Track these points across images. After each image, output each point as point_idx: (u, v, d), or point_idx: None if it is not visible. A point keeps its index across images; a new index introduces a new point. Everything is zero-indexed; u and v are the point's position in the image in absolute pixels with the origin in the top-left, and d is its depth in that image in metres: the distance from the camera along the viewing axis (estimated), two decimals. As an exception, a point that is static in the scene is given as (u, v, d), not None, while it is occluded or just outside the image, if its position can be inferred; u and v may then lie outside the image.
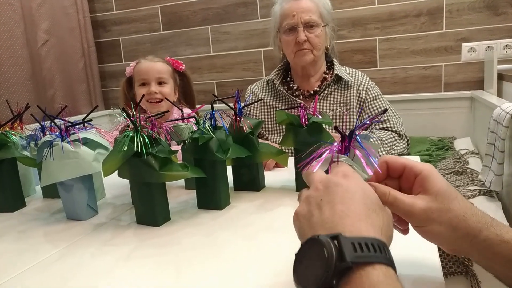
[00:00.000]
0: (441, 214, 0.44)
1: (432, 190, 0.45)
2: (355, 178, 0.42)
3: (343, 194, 0.39)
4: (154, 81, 1.43)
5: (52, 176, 0.78)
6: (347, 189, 0.40)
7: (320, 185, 0.42)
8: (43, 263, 0.63)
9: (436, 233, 0.45)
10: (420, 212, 0.44)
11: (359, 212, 0.38)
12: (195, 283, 0.54)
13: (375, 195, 0.41)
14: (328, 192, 0.40)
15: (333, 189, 0.40)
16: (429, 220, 0.44)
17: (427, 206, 0.44)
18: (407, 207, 0.44)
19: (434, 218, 0.44)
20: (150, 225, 0.75)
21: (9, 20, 2.18)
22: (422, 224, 0.45)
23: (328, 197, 0.40)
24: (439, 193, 0.45)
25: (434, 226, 0.44)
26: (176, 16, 2.58)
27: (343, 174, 0.42)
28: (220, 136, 0.79)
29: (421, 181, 0.46)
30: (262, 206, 0.82)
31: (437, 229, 0.44)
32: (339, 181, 0.41)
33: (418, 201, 0.45)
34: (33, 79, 2.32)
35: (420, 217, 0.44)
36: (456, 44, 2.12)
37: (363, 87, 1.37)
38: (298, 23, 1.32)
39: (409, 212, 0.45)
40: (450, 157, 1.68)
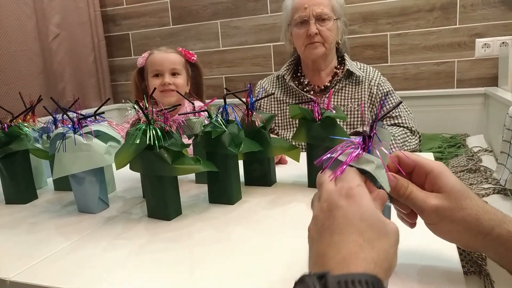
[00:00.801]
0: (453, 213, 0.44)
1: (445, 189, 0.45)
2: (357, 198, 0.39)
3: (342, 220, 0.38)
4: (168, 72, 1.43)
5: (64, 169, 0.78)
6: (346, 214, 0.38)
7: (325, 205, 0.41)
8: (55, 255, 0.63)
9: (448, 230, 0.46)
10: (432, 209, 0.45)
11: (352, 245, 0.37)
12: (208, 279, 0.53)
13: (374, 217, 0.38)
14: (329, 216, 0.40)
15: (333, 213, 0.39)
16: (441, 217, 0.45)
17: (440, 204, 0.45)
18: (421, 202, 0.45)
19: (446, 216, 0.45)
20: (161, 219, 0.74)
21: (21, 14, 2.19)
22: (434, 221, 0.46)
23: (328, 222, 0.39)
24: (452, 191, 0.45)
25: (446, 224, 0.45)
26: (186, 11, 2.58)
27: (346, 193, 0.40)
28: (232, 130, 0.78)
29: (433, 180, 0.46)
30: (274, 201, 0.81)
31: (449, 227, 0.45)
32: (340, 203, 0.39)
33: (431, 198, 0.45)
34: (45, 72, 2.33)
35: (432, 214, 0.45)
36: (469, 40, 2.09)
37: (374, 83, 1.36)
38: (309, 16, 1.31)
39: (421, 208, 0.45)
40: (462, 155, 1.66)
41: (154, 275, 0.55)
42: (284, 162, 1.09)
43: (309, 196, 0.50)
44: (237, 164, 0.81)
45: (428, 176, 0.47)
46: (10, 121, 0.92)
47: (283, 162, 1.09)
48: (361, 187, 0.40)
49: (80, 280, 0.55)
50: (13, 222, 0.80)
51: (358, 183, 0.41)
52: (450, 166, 1.57)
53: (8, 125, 0.90)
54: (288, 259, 0.56)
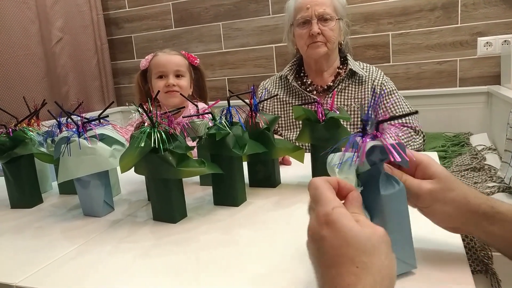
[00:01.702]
0: (445, 194, 0.49)
1: (435, 175, 0.50)
2: (337, 223, 0.38)
3: (330, 251, 0.38)
4: (172, 73, 1.43)
5: (69, 172, 0.78)
6: (332, 244, 0.38)
7: (310, 233, 0.41)
8: (61, 260, 0.63)
9: (440, 212, 0.50)
10: (426, 192, 0.49)
11: (348, 276, 0.36)
12: (214, 282, 0.53)
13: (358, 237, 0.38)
14: (318, 247, 0.39)
15: (320, 245, 0.39)
16: (434, 200, 0.49)
17: (433, 187, 0.49)
18: (415, 189, 0.49)
19: (439, 198, 0.49)
20: (167, 222, 0.75)
21: (24, 18, 2.20)
22: (428, 204, 0.50)
23: (319, 254, 0.39)
24: (441, 176, 0.50)
25: (438, 206, 0.49)
26: (188, 13, 2.58)
27: (325, 221, 0.39)
28: (236, 132, 0.78)
29: (423, 169, 0.51)
30: (279, 202, 0.81)
31: (442, 208, 0.49)
32: (322, 234, 0.39)
33: (424, 183, 0.50)
34: (48, 76, 2.34)
35: (427, 197, 0.49)
36: (471, 39, 2.08)
37: (377, 82, 1.36)
38: (312, 16, 1.31)
39: (417, 194, 0.49)
40: (466, 153, 1.66)
41: (160, 279, 0.55)
42: (288, 163, 1.09)
43: None
44: (241, 165, 0.82)
45: (418, 167, 0.51)
46: (15, 125, 0.92)
47: (286, 163, 1.09)
48: (337, 209, 0.40)
49: (87, 284, 0.55)
50: (18, 227, 0.80)
51: (332, 205, 0.40)
52: (454, 165, 1.57)
53: (12, 130, 0.90)
54: (294, 261, 0.56)
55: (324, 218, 0.39)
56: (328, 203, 0.40)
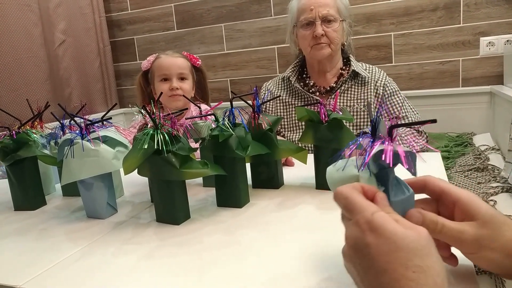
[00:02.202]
0: (493, 241, 0.42)
1: (479, 216, 0.43)
2: (381, 228, 0.37)
3: (379, 258, 0.36)
4: (176, 76, 1.43)
5: (72, 174, 0.78)
6: (380, 251, 0.36)
7: (351, 242, 0.39)
8: (65, 262, 0.64)
9: (488, 259, 0.44)
10: (471, 239, 0.43)
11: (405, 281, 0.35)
12: (218, 283, 0.53)
13: (406, 240, 0.36)
14: (362, 256, 0.38)
15: (365, 252, 0.37)
16: (480, 247, 0.43)
17: (478, 233, 0.43)
18: (457, 234, 0.43)
19: (485, 245, 0.43)
20: (170, 223, 0.75)
21: (27, 21, 2.21)
22: (473, 251, 0.44)
23: (364, 262, 0.37)
24: (486, 219, 0.43)
25: (486, 253, 0.43)
26: (190, 15, 2.59)
27: (369, 227, 0.37)
28: (239, 133, 0.78)
29: (462, 207, 0.45)
30: (282, 204, 0.81)
31: (490, 256, 0.43)
32: (367, 241, 0.37)
33: (467, 228, 0.43)
34: (51, 78, 2.35)
35: (471, 244, 0.43)
36: (474, 39, 2.08)
37: (380, 83, 1.35)
38: (315, 17, 1.31)
39: (459, 240, 0.43)
40: (469, 153, 1.65)
41: (164, 280, 0.55)
42: (291, 164, 1.09)
43: (317, 198, 0.50)
44: (244, 167, 0.82)
45: (457, 204, 0.45)
46: (18, 128, 0.93)
47: (289, 164, 1.09)
48: (377, 214, 0.38)
49: (91, 286, 0.55)
50: (22, 229, 0.80)
51: (371, 211, 0.38)
52: (457, 165, 1.56)
53: (16, 132, 0.91)
54: (298, 262, 0.56)
55: (366, 225, 0.38)
56: (365, 209, 0.39)
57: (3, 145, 0.89)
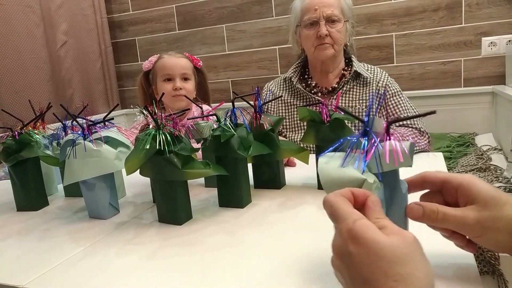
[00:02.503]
0: (496, 221, 0.43)
1: (480, 199, 0.44)
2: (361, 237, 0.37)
3: (361, 267, 0.36)
4: (179, 76, 1.44)
5: (75, 175, 0.78)
6: (361, 260, 0.36)
7: (335, 252, 0.40)
8: (67, 262, 0.64)
9: (494, 240, 0.44)
10: (473, 222, 0.43)
11: None
12: (220, 283, 0.53)
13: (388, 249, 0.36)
14: (345, 265, 0.38)
15: (349, 262, 0.37)
16: (484, 229, 0.43)
17: (479, 216, 0.43)
18: (459, 220, 0.44)
19: (489, 226, 0.43)
20: (172, 224, 0.75)
21: (29, 22, 2.21)
22: (479, 234, 0.44)
23: (349, 272, 0.38)
24: (487, 199, 0.43)
25: (491, 234, 0.43)
26: (191, 16, 2.59)
27: (349, 236, 0.37)
28: (241, 134, 0.78)
29: (464, 193, 0.45)
30: (284, 204, 0.81)
31: (495, 237, 0.43)
32: (349, 250, 0.37)
33: (469, 212, 0.44)
34: (53, 79, 2.35)
35: (475, 227, 0.43)
36: (476, 39, 2.08)
37: (382, 84, 1.35)
38: (320, 17, 1.31)
39: (462, 225, 0.44)
40: (471, 154, 1.65)
41: (166, 280, 0.55)
42: (293, 165, 1.09)
43: (319, 198, 0.50)
44: (246, 167, 0.82)
45: (459, 191, 0.45)
46: (21, 128, 0.93)
47: (291, 164, 1.09)
48: (358, 222, 0.38)
49: (94, 286, 0.56)
50: (25, 229, 0.80)
51: (352, 219, 0.38)
52: (460, 165, 1.56)
53: (18, 133, 0.91)
54: (300, 262, 0.56)
55: (347, 233, 0.38)
56: (347, 218, 0.39)
57: (6, 146, 0.89)
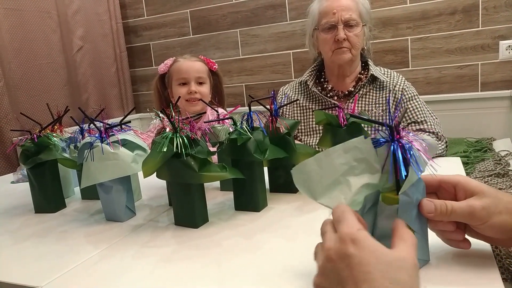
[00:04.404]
0: (497, 205, 0.48)
1: (477, 190, 0.50)
2: (363, 241, 0.39)
3: (359, 268, 0.38)
4: (194, 80, 1.44)
5: (92, 177, 0.79)
6: (361, 261, 0.38)
7: (332, 253, 0.41)
8: (85, 264, 0.64)
9: (499, 223, 0.48)
10: (480, 209, 0.48)
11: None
12: (238, 287, 0.53)
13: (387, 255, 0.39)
14: (344, 266, 0.39)
15: (347, 262, 0.39)
16: (489, 214, 0.48)
17: (483, 202, 0.48)
18: (467, 209, 0.48)
19: (492, 211, 0.48)
20: (188, 227, 0.75)
21: (47, 28, 2.25)
22: (485, 220, 0.48)
23: (346, 273, 0.39)
24: (485, 190, 0.49)
25: (495, 218, 0.48)
26: (205, 20, 2.61)
27: (351, 239, 0.40)
28: (257, 137, 0.78)
29: (463, 188, 0.51)
30: (300, 208, 0.80)
31: (499, 219, 0.48)
32: (349, 252, 0.39)
33: (473, 202, 0.49)
34: (69, 84, 2.39)
35: (481, 213, 0.48)
36: (493, 42, 2.05)
37: (399, 88, 1.34)
38: (338, 21, 1.30)
39: (471, 213, 0.48)
40: (489, 159, 1.62)
41: (183, 284, 0.55)
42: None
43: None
44: (262, 171, 0.81)
45: (457, 187, 0.51)
46: (39, 131, 0.94)
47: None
48: (362, 231, 0.41)
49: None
50: (43, 231, 0.81)
51: (357, 227, 0.41)
52: (477, 171, 1.53)
53: (37, 136, 0.92)
54: (319, 267, 0.55)
55: (349, 236, 0.40)
56: (353, 225, 0.42)
57: (25, 148, 0.90)
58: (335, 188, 0.49)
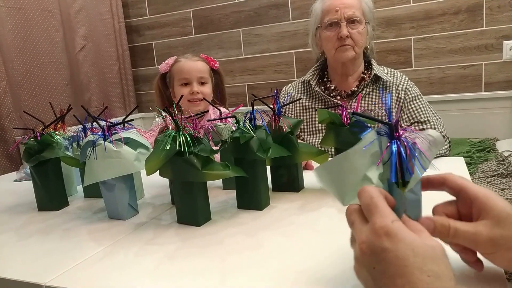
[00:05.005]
0: (509, 240, 0.42)
1: (493, 214, 0.43)
2: (399, 234, 0.38)
3: (395, 261, 0.37)
4: (196, 81, 1.44)
5: (95, 175, 0.79)
6: (397, 255, 0.37)
7: (365, 247, 0.40)
8: (89, 261, 0.64)
9: (506, 259, 0.43)
10: (485, 240, 0.42)
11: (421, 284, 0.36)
12: (240, 285, 0.53)
13: (423, 247, 0.37)
14: (378, 260, 0.38)
15: (382, 256, 0.38)
16: (496, 246, 0.43)
17: (492, 233, 0.42)
18: (471, 236, 0.43)
19: (501, 244, 0.42)
20: (191, 225, 0.75)
21: (49, 27, 2.26)
22: (490, 252, 0.44)
23: (381, 266, 0.38)
24: (501, 216, 0.42)
25: (503, 252, 0.43)
26: (208, 20, 2.61)
27: (385, 232, 0.38)
28: (260, 136, 0.78)
29: (479, 205, 0.44)
30: (303, 206, 0.80)
31: (507, 255, 0.43)
32: (384, 245, 0.38)
33: (481, 228, 0.43)
34: (72, 83, 2.39)
35: (486, 245, 0.43)
36: (497, 42, 2.04)
37: (402, 87, 1.34)
38: (341, 18, 1.30)
39: (474, 242, 0.43)
40: (492, 159, 1.61)
41: (186, 281, 0.55)
42: (310, 168, 1.08)
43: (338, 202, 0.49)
44: (265, 169, 0.81)
45: (474, 202, 0.45)
46: (42, 129, 0.94)
47: (309, 167, 1.08)
48: (396, 222, 0.39)
49: (115, 285, 0.56)
50: (46, 229, 0.81)
51: (392, 218, 0.39)
52: (480, 171, 1.53)
53: (40, 134, 0.92)
54: (321, 266, 0.55)
55: (383, 230, 0.38)
56: (386, 215, 0.40)
57: (28, 146, 0.90)
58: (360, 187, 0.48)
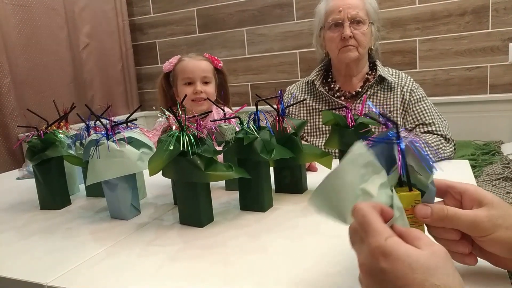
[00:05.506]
0: (505, 219, 0.45)
1: (486, 201, 0.46)
2: (394, 253, 0.37)
3: (395, 281, 0.36)
4: (200, 80, 1.43)
5: (98, 175, 0.79)
6: (396, 275, 0.36)
7: (364, 269, 0.39)
8: (91, 261, 0.64)
9: (503, 238, 0.45)
10: (485, 219, 0.45)
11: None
12: (243, 286, 0.52)
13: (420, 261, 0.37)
14: (377, 281, 0.38)
15: (380, 278, 0.37)
16: (495, 226, 0.45)
17: (490, 213, 0.45)
18: (471, 217, 0.45)
19: (499, 224, 0.45)
20: (194, 226, 0.74)
21: (54, 24, 2.26)
22: (489, 232, 0.45)
23: (381, 286, 0.38)
24: (494, 201, 0.46)
25: (501, 232, 0.45)
26: (212, 19, 2.60)
27: (381, 253, 0.38)
28: (264, 137, 0.77)
29: (471, 196, 0.47)
30: (306, 208, 0.79)
31: (505, 234, 0.45)
32: (381, 266, 0.37)
33: (479, 211, 0.45)
34: (75, 81, 2.39)
35: (486, 225, 0.45)
36: (503, 44, 2.03)
37: (407, 89, 1.33)
38: (344, 19, 1.30)
39: (474, 223, 0.45)
40: (497, 162, 1.60)
41: (188, 282, 0.54)
42: (314, 169, 1.07)
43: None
44: (268, 171, 0.81)
45: (465, 195, 0.48)
46: (46, 128, 0.94)
47: (312, 169, 1.07)
48: (390, 239, 0.38)
49: (117, 285, 0.55)
50: (49, 228, 0.81)
51: (385, 236, 0.39)
52: (485, 174, 1.52)
53: (44, 132, 0.92)
54: (323, 266, 0.55)
55: (378, 250, 0.38)
56: (379, 234, 0.39)
57: (31, 145, 0.90)
58: None
